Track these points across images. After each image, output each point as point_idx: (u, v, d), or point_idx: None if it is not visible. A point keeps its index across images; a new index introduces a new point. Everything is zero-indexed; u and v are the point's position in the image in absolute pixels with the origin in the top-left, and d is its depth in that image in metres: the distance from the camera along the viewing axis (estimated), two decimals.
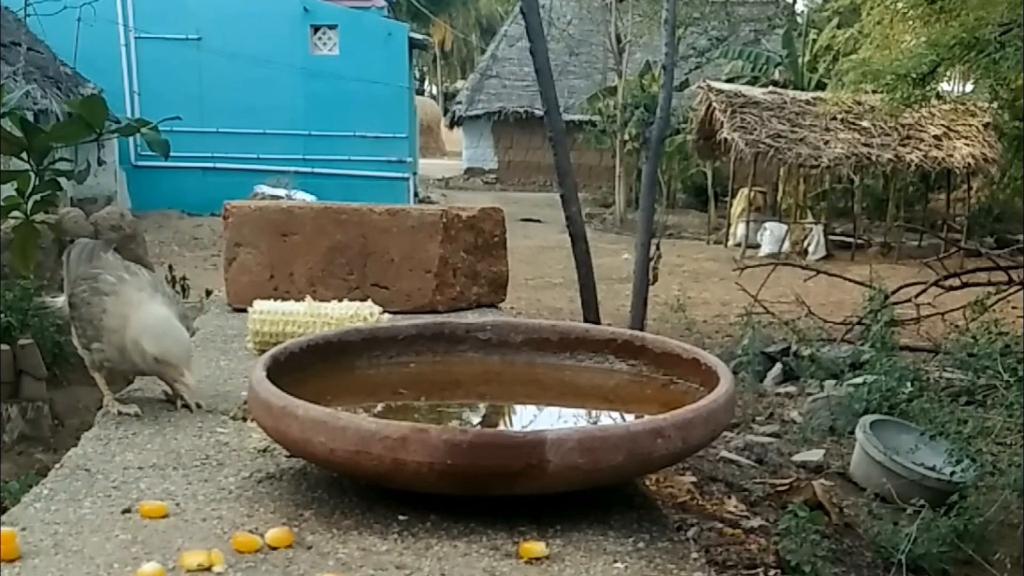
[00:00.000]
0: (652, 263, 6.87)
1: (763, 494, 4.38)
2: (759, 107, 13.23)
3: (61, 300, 1.77)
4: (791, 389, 6.39)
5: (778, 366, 6.68)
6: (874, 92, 7.81)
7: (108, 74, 12.74)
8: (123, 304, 1.61)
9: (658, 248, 7.39)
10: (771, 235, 13.49)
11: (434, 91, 38.06)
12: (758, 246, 13.45)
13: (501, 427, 1.58)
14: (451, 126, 24.28)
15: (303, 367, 1.49)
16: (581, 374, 1.66)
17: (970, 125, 13.26)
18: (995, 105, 11.94)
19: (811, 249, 13.39)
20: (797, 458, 5.05)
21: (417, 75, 30.24)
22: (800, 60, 15.64)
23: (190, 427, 1.58)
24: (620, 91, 16.46)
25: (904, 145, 13.05)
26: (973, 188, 14.32)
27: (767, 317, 7.34)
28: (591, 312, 5.49)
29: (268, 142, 14.46)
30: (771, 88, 14.41)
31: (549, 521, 1.22)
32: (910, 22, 6.89)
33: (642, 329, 6.08)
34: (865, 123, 12.97)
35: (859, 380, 5.60)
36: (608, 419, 1.60)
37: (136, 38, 14.17)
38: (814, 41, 15.58)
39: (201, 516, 1.22)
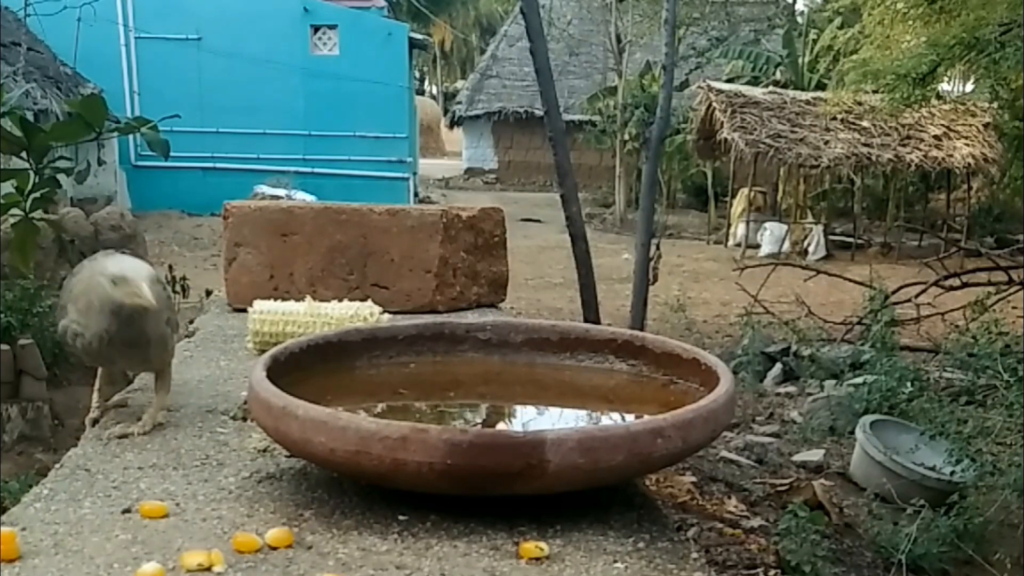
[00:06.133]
0: (652, 263, 6.85)
1: (763, 494, 4.38)
2: (759, 107, 13.22)
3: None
4: (791, 389, 6.39)
5: (778, 366, 6.68)
6: (874, 92, 7.81)
7: (108, 74, 12.74)
8: (87, 269, 1.57)
9: (658, 248, 7.37)
10: (771, 235, 13.49)
11: (434, 91, 38.03)
12: (758, 246, 13.44)
13: (501, 427, 1.58)
14: (451, 126, 24.27)
15: (303, 367, 1.49)
16: (581, 374, 1.66)
17: (970, 125, 13.26)
18: (995, 105, 11.94)
19: (811, 249, 13.38)
20: (797, 458, 5.05)
21: (417, 75, 30.23)
22: (800, 60, 15.63)
23: (190, 427, 1.58)
24: (620, 91, 16.46)
25: (904, 145, 13.04)
26: (973, 188, 14.33)
27: (767, 317, 7.33)
28: (591, 312, 5.48)
29: (268, 142, 14.45)
30: (771, 88, 14.41)
31: (549, 521, 1.22)
32: (910, 22, 6.89)
33: (642, 329, 6.08)
34: (865, 123, 12.96)
35: (859, 380, 5.60)
36: (608, 419, 1.60)
37: (136, 38, 14.16)
38: (814, 41, 15.56)
39: (201, 516, 1.22)
